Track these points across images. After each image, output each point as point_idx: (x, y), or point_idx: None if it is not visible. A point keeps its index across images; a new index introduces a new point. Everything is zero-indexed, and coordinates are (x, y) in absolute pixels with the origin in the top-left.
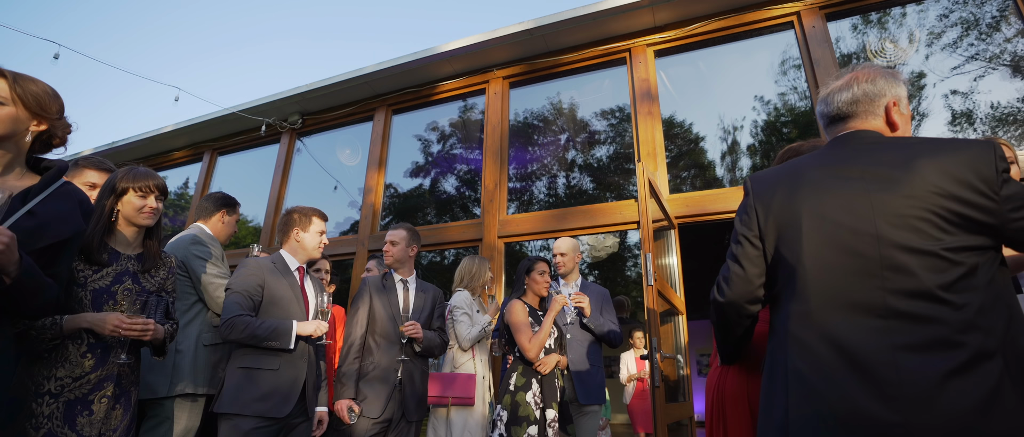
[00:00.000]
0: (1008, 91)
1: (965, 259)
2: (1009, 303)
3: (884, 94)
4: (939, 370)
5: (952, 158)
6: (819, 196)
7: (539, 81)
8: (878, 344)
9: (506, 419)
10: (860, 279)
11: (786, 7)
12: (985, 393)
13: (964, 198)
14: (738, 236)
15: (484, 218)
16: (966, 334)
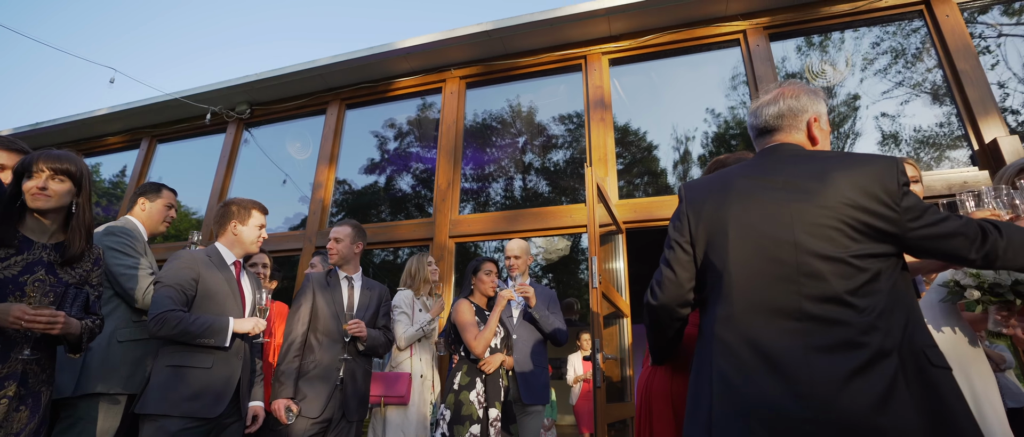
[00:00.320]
0: (929, 116)
1: (870, 265)
2: (908, 306)
3: (807, 110)
4: (844, 370)
5: (861, 172)
6: (745, 204)
7: (496, 83)
8: (793, 346)
9: (449, 418)
10: (780, 284)
11: (733, 25)
12: (882, 390)
13: (870, 209)
14: (671, 242)
15: (436, 217)
16: (868, 335)
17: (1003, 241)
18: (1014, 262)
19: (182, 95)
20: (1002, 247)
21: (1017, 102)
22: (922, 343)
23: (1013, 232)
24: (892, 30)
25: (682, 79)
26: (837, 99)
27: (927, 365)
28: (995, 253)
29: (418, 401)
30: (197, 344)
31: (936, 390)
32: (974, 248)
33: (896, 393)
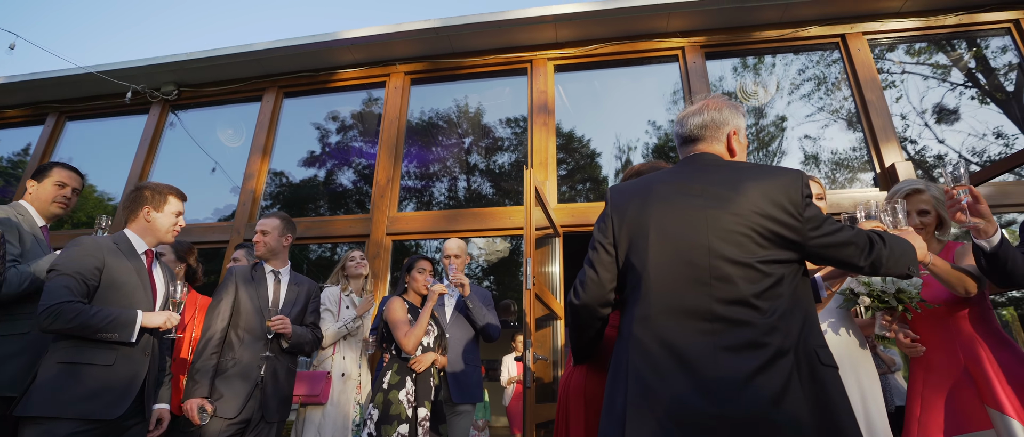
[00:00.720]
0: (844, 141)
1: (774, 271)
2: (805, 309)
3: (728, 123)
4: (748, 368)
5: (770, 184)
6: (665, 209)
7: (442, 81)
8: (704, 345)
9: (377, 418)
10: (694, 287)
11: (673, 41)
12: (779, 386)
13: (776, 218)
14: (595, 243)
15: (373, 214)
16: (770, 335)
17: (886, 250)
18: (894, 269)
19: (98, 69)
20: (885, 255)
21: (915, 133)
22: (815, 344)
23: (894, 243)
24: (816, 59)
25: (624, 89)
26: (767, 119)
27: (817, 364)
28: (880, 260)
29: (339, 401)
30: (98, 339)
31: (824, 386)
32: (863, 256)
33: (791, 389)
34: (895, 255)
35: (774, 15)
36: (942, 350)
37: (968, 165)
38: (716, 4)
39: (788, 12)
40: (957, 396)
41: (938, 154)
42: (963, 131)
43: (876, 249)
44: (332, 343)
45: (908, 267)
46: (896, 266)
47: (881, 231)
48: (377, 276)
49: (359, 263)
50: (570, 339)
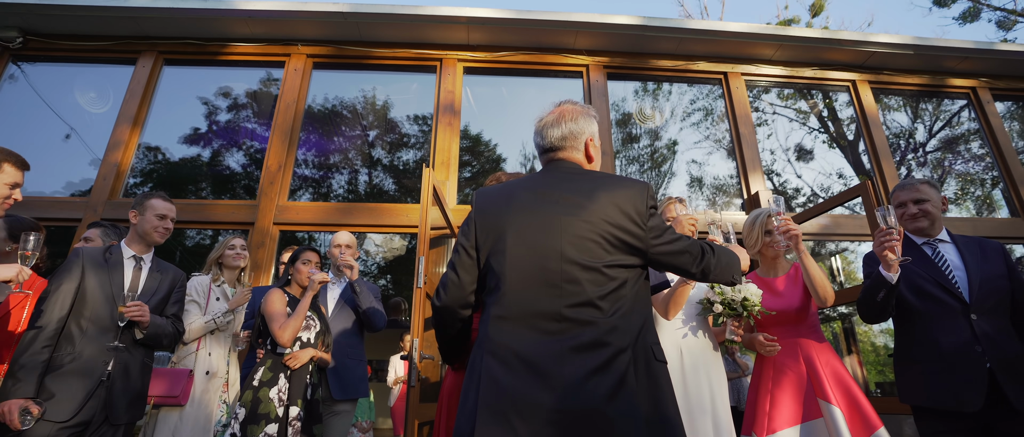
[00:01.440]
0: (723, 168)
1: (618, 274)
2: (644, 309)
3: (584, 131)
4: (589, 366)
5: (619, 192)
6: (524, 214)
7: (347, 68)
8: (552, 345)
9: (243, 417)
10: (546, 289)
11: (578, 58)
12: (615, 382)
13: (623, 226)
14: (458, 246)
15: (260, 201)
16: (611, 335)
17: (714, 260)
18: (722, 276)
19: None
20: (713, 264)
21: (779, 166)
22: (651, 341)
23: (722, 255)
24: (705, 92)
25: (531, 99)
26: (660, 142)
27: (652, 359)
28: (709, 269)
29: (202, 401)
30: None
31: (657, 380)
32: (695, 264)
33: (626, 384)
34: (722, 265)
35: (670, 46)
36: (788, 353)
37: (787, 198)
38: (620, 29)
39: (682, 45)
40: (799, 391)
41: (796, 187)
42: (815, 169)
43: (706, 259)
44: (197, 337)
45: (733, 276)
46: (723, 274)
47: (713, 243)
48: (260, 267)
49: (238, 253)
50: (437, 339)
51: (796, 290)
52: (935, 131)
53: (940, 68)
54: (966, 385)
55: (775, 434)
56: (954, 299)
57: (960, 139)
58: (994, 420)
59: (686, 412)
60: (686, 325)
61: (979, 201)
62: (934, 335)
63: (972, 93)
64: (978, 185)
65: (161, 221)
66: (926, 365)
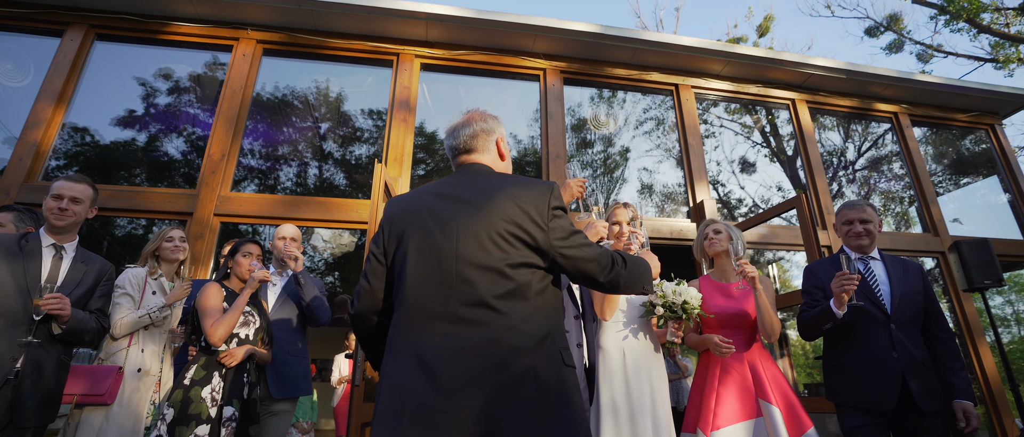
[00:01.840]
0: (672, 177)
1: (519, 276)
2: (552, 312)
3: (494, 131)
4: (481, 368)
5: (523, 193)
6: (427, 218)
7: (300, 57)
8: (446, 346)
9: (171, 418)
10: (441, 290)
11: (536, 62)
12: (508, 386)
13: (522, 225)
14: (369, 254)
15: (201, 190)
16: (507, 337)
17: (625, 272)
18: (631, 288)
19: None
20: (623, 276)
21: (724, 177)
22: (560, 346)
23: (633, 266)
24: (658, 102)
25: (488, 99)
26: (614, 148)
27: (560, 364)
28: (618, 280)
29: (130, 401)
30: None
31: (562, 385)
32: (603, 273)
33: (523, 388)
34: (632, 277)
35: (625, 55)
36: (734, 355)
37: (731, 207)
38: (577, 36)
39: (636, 55)
40: (744, 391)
41: (739, 197)
42: (756, 181)
43: (616, 270)
44: (128, 333)
45: (644, 286)
46: (633, 286)
47: (625, 254)
48: (199, 260)
49: (177, 246)
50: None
51: (748, 297)
52: (863, 151)
53: (868, 93)
54: (884, 386)
55: (721, 430)
56: (879, 311)
57: (884, 160)
58: (903, 417)
59: (627, 412)
60: (628, 327)
61: (898, 217)
62: (860, 342)
63: (895, 118)
64: (897, 202)
65: (56, 201)
66: (852, 368)
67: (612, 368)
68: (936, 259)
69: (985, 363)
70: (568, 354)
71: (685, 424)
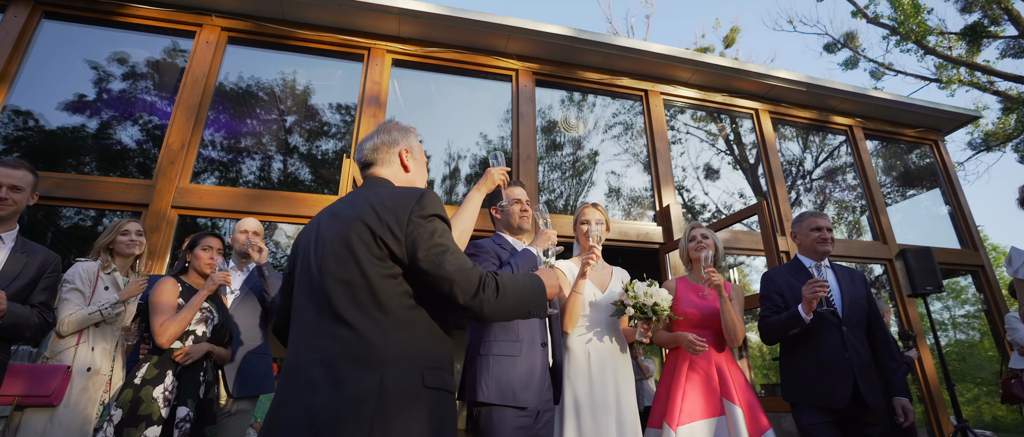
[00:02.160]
0: (640, 181)
1: (382, 287)
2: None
3: (398, 143)
4: (324, 381)
5: (390, 202)
6: (313, 236)
7: (267, 47)
8: (302, 361)
9: (119, 419)
10: (311, 306)
11: (509, 62)
12: (343, 403)
13: (378, 233)
14: (284, 275)
15: (159, 181)
16: (356, 350)
17: (495, 301)
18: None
19: None
20: (490, 305)
21: (689, 183)
22: (424, 365)
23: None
24: (627, 107)
25: (459, 98)
26: (583, 151)
27: (419, 386)
28: (481, 308)
29: (78, 401)
30: None
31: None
32: (463, 296)
33: (362, 406)
34: (505, 305)
35: (596, 59)
36: (703, 354)
37: (694, 212)
38: (551, 38)
39: (608, 60)
40: (710, 389)
41: (702, 203)
42: (719, 187)
43: (482, 296)
44: (76, 331)
45: (529, 310)
46: (504, 315)
47: (505, 277)
48: (154, 254)
49: (133, 240)
50: None
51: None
52: (820, 161)
53: (826, 106)
54: (838, 385)
55: (687, 425)
56: (833, 315)
57: (838, 170)
58: (851, 414)
59: (590, 410)
60: (594, 328)
61: (850, 225)
62: (815, 344)
63: (850, 130)
64: (850, 211)
65: None
66: (809, 368)
67: (577, 368)
68: (884, 266)
69: (925, 365)
70: (432, 374)
71: (651, 419)
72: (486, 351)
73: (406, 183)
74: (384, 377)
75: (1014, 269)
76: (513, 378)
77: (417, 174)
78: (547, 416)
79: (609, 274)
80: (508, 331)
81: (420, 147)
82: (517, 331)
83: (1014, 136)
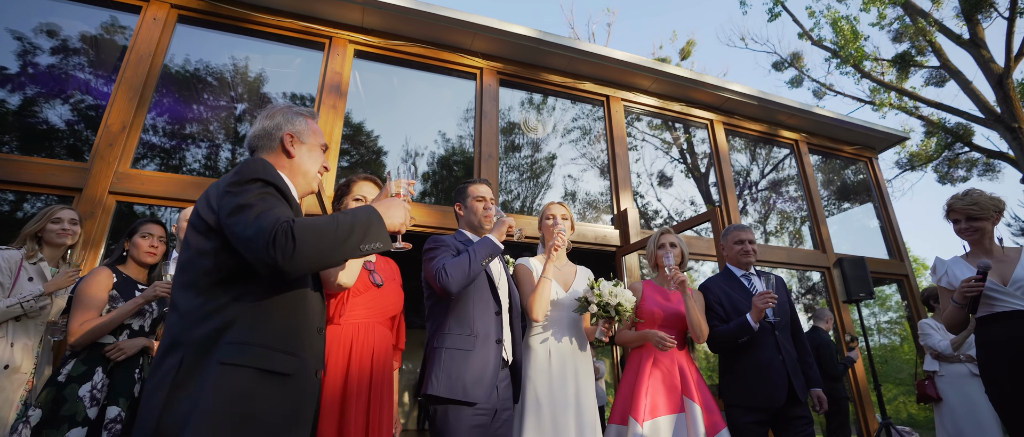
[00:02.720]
0: (598, 184)
1: (198, 264)
2: (216, 304)
3: (281, 128)
4: (155, 365)
5: (219, 181)
6: None
7: (220, 29)
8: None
9: (37, 420)
10: None
11: (474, 60)
12: (157, 382)
13: (202, 210)
14: None
15: (95, 164)
16: (173, 331)
17: (293, 249)
18: (304, 264)
19: None
20: (287, 257)
21: (644, 188)
22: (226, 339)
23: (309, 236)
24: (588, 111)
25: (422, 94)
26: (542, 153)
27: (214, 363)
28: (277, 262)
29: None
30: None
31: (212, 382)
32: (257, 253)
33: (164, 385)
34: (314, 246)
35: (561, 63)
36: (666, 353)
37: (648, 218)
38: (516, 39)
39: (571, 64)
40: (672, 387)
41: (655, 209)
42: (672, 194)
43: (278, 245)
44: None
45: (358, 247)
46: (317, 257)
47: (309, 219)
48: (89, 243)
49: (66, 229)
50: None
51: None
52: (766, 173)
53: (775, 120)
54: (776, 384)
55: (652, 420)
56: (767, 320)
57: (784, 182)
58: (782, 410)
59: (550, 408)
60: (554, 326)
61: (792, 235)
62: (755, 350)
63: (795, 145)
64: (793, 221)
65: None
66: (749, 372)
67: (538, 366)
68: (822, 273)
69: (856, 366)
70: (231, 349)
71: (613, 415)
72: (439, 343)
73: (291, 170)
74: (185, 356)
75: (937, 277)
76: (465, 372)
77: (304, 159)
78: (505, 415)
79: (573, 273)
80: (463, 324)
81: (314, 131)
82: (472, 325)
83: (934, 158)
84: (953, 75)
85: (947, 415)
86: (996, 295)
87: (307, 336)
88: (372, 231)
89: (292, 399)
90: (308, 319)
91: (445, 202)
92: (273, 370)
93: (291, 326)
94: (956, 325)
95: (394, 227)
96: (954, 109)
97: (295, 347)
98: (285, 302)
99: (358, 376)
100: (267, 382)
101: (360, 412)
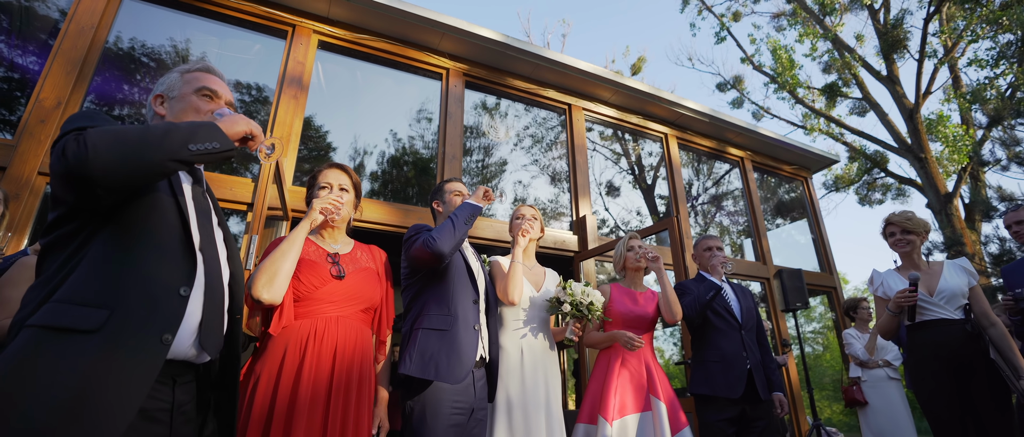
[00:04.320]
0: (548, 192)
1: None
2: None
3: (159, 88)
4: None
5: None
6: None
7: (174, 8)
8: None
9: None
10: None
11: (441, 60)
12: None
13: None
14: None
15: (22, 141)
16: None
17: (85, 150)
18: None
19: None
20: (79, 158)
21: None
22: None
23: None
24: (551, 117)
25: (387, 90)
26: (504, 156)
27: (24, 325)
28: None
29: None
30: None
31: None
32: (56, 163)
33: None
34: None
35: (526, 69)
36: (634, 353)
37: (598, 225)
38: (484, 42)
39: (536, 71)
40: (640, 386)
41: (603, 218)
42: (619, 204)
43: (70, 150)
44: None
45: (186, 142)
46: (121, 156)
47: (113, 126)
48: (13, 226)
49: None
50: None
51: (651, 305)
52: (710, 187)
53: (724, 138)
54: (737, 379)
55: (621, 419)
56: (734, 320)
57: (728, 196)
58: (745, 407)
59: (522, 408)
60: (528, 325)
61: (734, 247)
62: (721, 344)
63: (741, 162)
64: (735, 234)
65: None
66: (713, 362)
67: (510, 366)
68: (763, 284)
69: (789, 370)
70: (53, 311)
71: (581, 415)
72: (418, 324)
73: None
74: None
75: (874, 288)
76: (439, 352)
77: (177, 114)
78: (480, 415)
79: (543, 274)
80: (442, 304)
81: (189, 80)
82: (451, 305)
83: (855, 181)
84: (873, 107)
85: (871, 416)
86: (923, 304)
87: (143, 286)
88: (201, 133)
89: (97, 362)
90: (149, 268)
91: (402, 200)
92: (62, 327)
93: (113, 274)
94: (889, 331)
95: (236, 134)
96: (873, 138)
97: (111, 300)
98: (118, 248)
99: (315, 376)
100: (55, 341)
101: (317, 414)
